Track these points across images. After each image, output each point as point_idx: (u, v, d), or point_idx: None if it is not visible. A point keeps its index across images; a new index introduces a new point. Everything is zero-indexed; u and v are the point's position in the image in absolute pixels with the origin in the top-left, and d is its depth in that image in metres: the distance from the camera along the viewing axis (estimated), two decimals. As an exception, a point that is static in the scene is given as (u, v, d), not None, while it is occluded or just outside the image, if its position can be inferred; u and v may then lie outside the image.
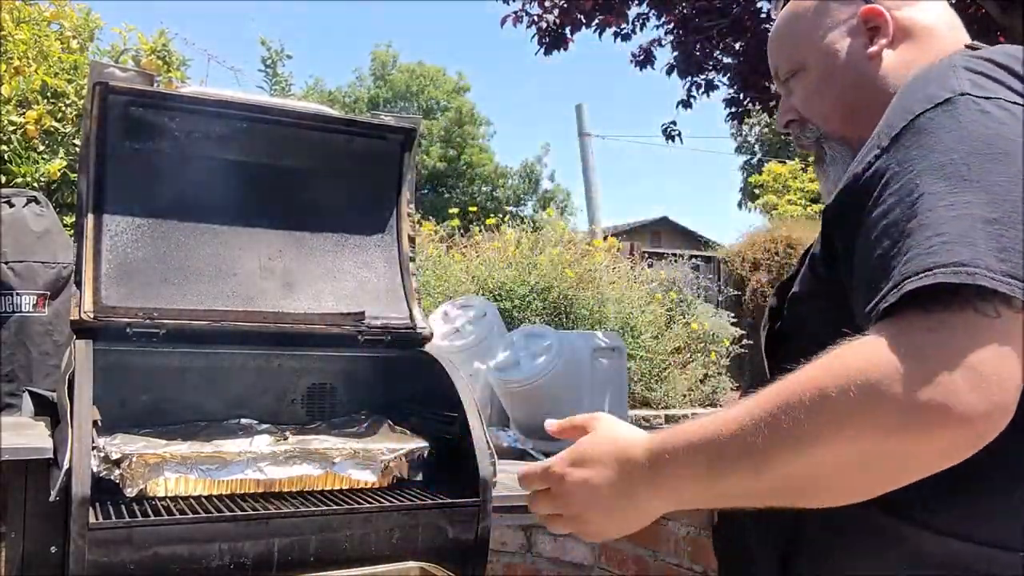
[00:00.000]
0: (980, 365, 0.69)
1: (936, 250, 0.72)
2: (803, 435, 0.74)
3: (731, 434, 0.79)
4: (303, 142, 2.30)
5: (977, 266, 0.71)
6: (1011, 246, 0.72)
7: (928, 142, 0.81)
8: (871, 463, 0.73)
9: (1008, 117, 0.81)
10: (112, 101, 2.03)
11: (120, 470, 1.75)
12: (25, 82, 4.32)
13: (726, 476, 0.80)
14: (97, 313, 1.91)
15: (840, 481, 0.76)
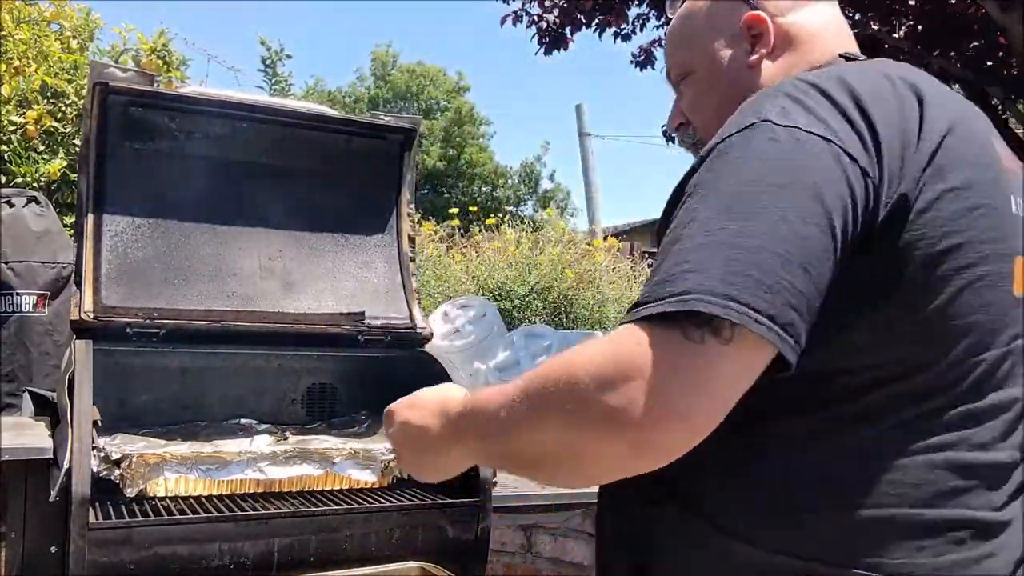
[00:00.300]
0: (662, 386, 0.73)
1: (674, 276, 0.76)
2: (521, 417, 0.81)
3: (497, 405, 0.84)
4: (303, 142, 2.30)
5: (695, 293, 0.74)
6: (745, 272, 0.74)
7: (719, 166, 0.82)
8: (563, 453, 0.79)
9: (793, 147, 0.80)
10: (112, 101, 2.03)
11: (120, 470, 1.74)
12: (25, 82, 4.32)
13: (486, 441, 0.88)
14: (97, 313, 1.91)
15: (548, 465, 0.81)
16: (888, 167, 0.81)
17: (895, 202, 0.81)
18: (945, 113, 0.87)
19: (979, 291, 0.84)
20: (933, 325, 0.83)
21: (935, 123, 0.85)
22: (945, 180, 0.83)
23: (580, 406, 0.75)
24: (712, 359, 0.73)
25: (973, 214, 0.84)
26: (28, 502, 1.64)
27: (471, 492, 1.87)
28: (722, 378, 0.74)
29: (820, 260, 0.76)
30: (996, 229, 0.86)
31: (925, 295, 0.82)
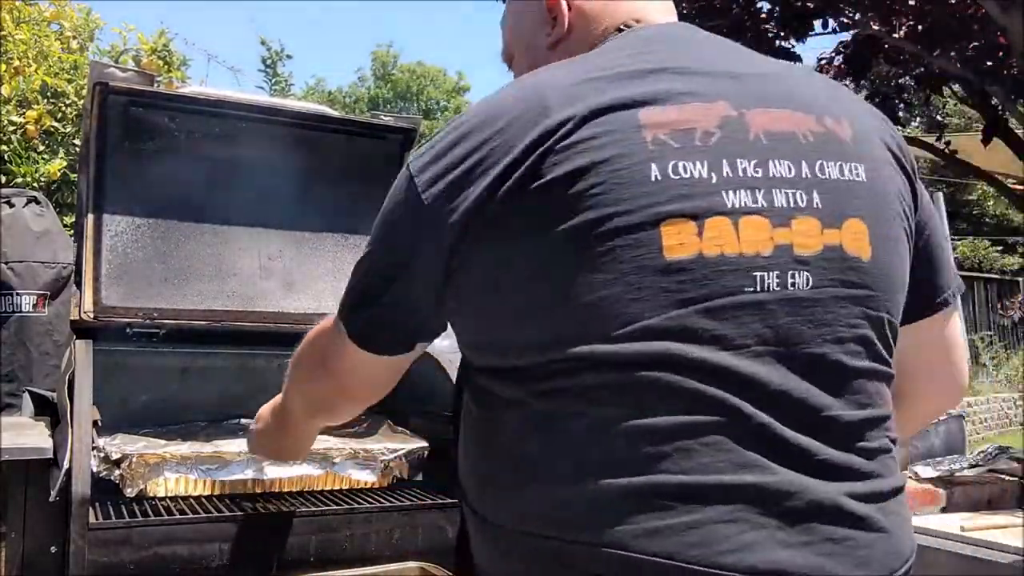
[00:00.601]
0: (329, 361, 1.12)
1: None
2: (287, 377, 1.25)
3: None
4: (303, 142, 2.30)
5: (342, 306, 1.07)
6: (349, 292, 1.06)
7: None
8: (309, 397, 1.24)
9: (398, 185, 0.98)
10: (112, 101, 2.03)
11: (120, 470, 1.74)
12: (25, 82, 4.32)
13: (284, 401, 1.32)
14: (97, 313, 1.91)
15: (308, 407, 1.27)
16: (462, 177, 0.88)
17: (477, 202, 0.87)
18: (575, 105, 0.87)
19: (623, 261, 0.84)
20: (565, 305, 0.85)
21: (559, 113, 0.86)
22: (572, 161, 0.84)
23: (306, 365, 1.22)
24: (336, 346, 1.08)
25: (599, 188, 0.84)
26: (28, 502, 1.64)
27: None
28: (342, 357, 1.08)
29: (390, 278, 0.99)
30: (621, 203, 0.84)
31: (575, 273, 0.84)
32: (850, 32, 5.58)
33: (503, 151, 0.86)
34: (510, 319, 0.88)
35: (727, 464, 0.82)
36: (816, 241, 0.89)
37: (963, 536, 2.16)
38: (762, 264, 0.86)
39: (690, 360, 0.83)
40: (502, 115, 0.89)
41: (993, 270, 14.55)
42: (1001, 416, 9.75)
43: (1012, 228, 16.92)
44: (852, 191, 0.92)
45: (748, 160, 0.89)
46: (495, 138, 0.87)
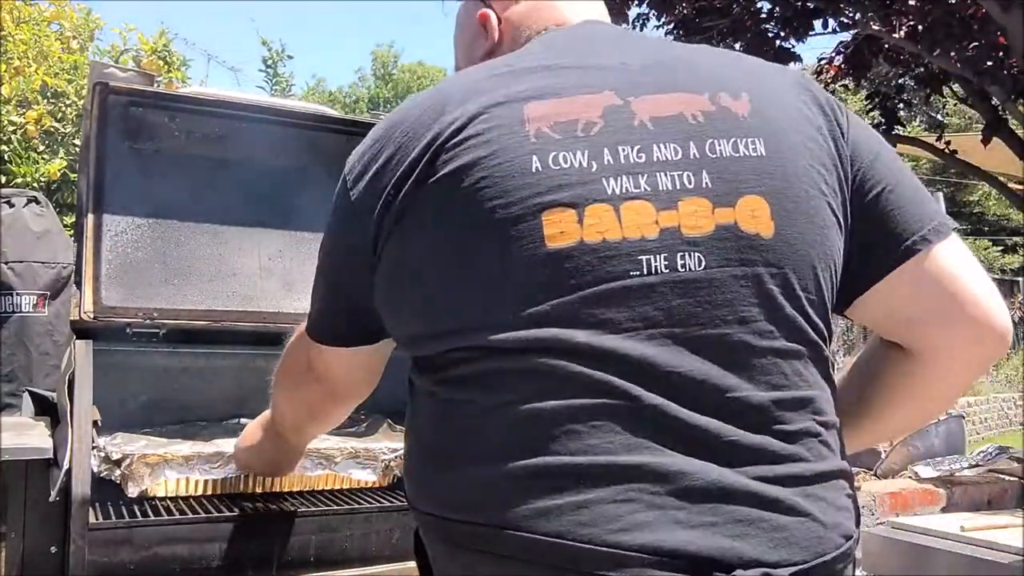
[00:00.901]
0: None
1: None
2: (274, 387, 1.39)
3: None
4: (303, 142, 2.30)
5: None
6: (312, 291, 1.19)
7: None
8: (297, 405, 1.39)
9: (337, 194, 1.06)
10: (112, 101, 2.03)
11: (121, 470, 1.74)
12: (25, 82, 4.33)
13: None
14: (97, 313, 1.91)
15: (297, 416, 1.44)
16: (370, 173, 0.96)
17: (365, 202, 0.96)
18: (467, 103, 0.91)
19: (509, 252, 0.86)
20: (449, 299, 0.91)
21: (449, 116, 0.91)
22: (460, 158, 0.89)
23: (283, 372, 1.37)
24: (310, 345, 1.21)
25: (485, 182, 0.87)
26: (28, 502, 1.64)
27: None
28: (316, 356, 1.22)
29: (335, 272, 1.13)
30: (503, 196, 0.87)
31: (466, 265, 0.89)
32: (850, 32, 5.58)
33: (406, 151, 0.92)
34: (413, 311, 0.95)
35: (617, 446, 0.82)
36: (707, 222, 0.88)
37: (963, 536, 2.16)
38: (648, 248, 0.86)
39: (576, 345, 0.84)
40: (408, 117, 0.95)
41: (993, 270, 14.55)
42: (1001, 416, 9.75)
43: (1012, 228, 16.92)
44: (748, 167, 0.90)
45: (631, 146, 0.89)
46: (400, 138, 0.93)
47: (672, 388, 0.84)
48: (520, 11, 1.12)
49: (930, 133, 7.67)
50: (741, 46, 5.51)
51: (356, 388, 1.24)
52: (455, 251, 0.89)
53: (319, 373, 1.21)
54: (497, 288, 0.87)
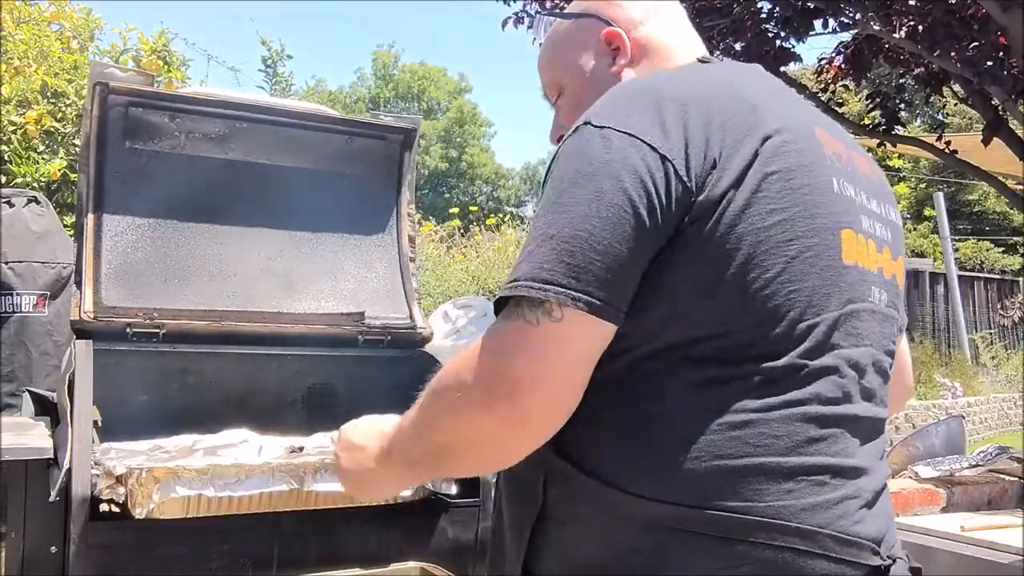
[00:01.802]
0: (511, 368, 0.89)
1: (514, 267, 0.94)
2: (422, 421, 0.99)
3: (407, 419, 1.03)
4: (303, 142, 2.30)
5: (522, 280, 0.90)
6: (560, 259, 0.89)
7: (554, 166, 0.98)
8: (458, 441, 0.95)
9: (601, 144, 0.93)
10: (112, 101, 2.04)
11: (127, 488, 1.58)
12: (25, 82, 4.32)
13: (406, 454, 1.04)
14: (97, 313, 1.91)
15: (455, 457, 0.98)
16: (707, 158, 0.92)
17: (716, 188, 0.92)
18: (773, 113, 0.99)
19: (808, 260, 0.96)
20: (768, 292, 0.93)
21: (764, 124, 0.97)
22: (768, 166, 0.94)
23: (461, 395, 0.92)
24: (547, 336, 0.89)
25: (797, 193, 0.96)
26: (28, 502, 1.64)
27: (471, 492, 1.87)
28: (559, 351, 0.89)
29: (627, 236, 0.90)
30: (820, 205, 0.98)
31: (759, 266, 0.93)
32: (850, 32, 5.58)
33: (734, 136, 0.95)
34: (720, 302, 0.93)
35: (852, 449, 0.98)
36: (889, 269, 1.09)
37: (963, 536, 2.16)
38: (875, 280, 1.05)
39: (848, 355, 0.98)
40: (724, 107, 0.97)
41: (994, 270, 14.55)
42: (1001, 416, 9.75)
43: (1012, 228, 16.92)
44: (898, 232, 1.14)
45: (864, 192, 1.07)
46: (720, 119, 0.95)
47: (868, 400, 1.02)
48: (658, 35, 1.19)
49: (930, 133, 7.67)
50: (741, 46, 5.51)
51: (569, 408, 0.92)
52: (770, 251, 0.94)
53: (531, 385, 0.88)
54: (803, 290, 0.95)
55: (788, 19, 5.19)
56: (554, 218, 0.92)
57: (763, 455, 0.92)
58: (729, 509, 0.90)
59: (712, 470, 0.91)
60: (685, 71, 1.09)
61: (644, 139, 0.92)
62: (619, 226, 0.89)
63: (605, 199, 0.90)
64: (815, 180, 0.98)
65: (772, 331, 0.94)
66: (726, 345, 0.93)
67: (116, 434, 1.86)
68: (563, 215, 0.91)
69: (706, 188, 0.92)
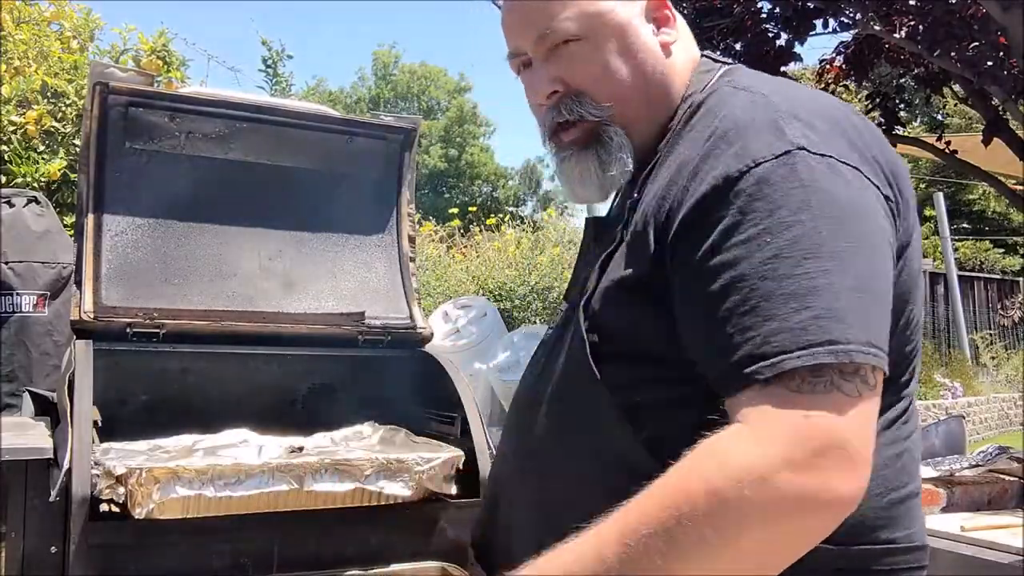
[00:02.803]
0: (848, 447, 0.74)
1: (807, 325, 0.74)
2: (707, 541, 0.72)
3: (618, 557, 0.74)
4: (303, 142, 2.30)
5: (850, 342, 0.75)
6: (873, 315, 0.78)
7: (773, 197, 0.80)
8: (774, 551, 0.74)
9: (842, 179, 0.82)
10: (112, 101, 2.04)
11: (127, 487, 1.58)
12: (25, 82, 4.32)
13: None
14: (97, 313, 1.91)
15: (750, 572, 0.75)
16: (900, 196, 0.90)
17: (906, 224, 0.91)
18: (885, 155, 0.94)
19: (918, 295, 0.95)
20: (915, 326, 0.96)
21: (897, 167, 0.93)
22: (909, 216, 0.93)
23: (787, 498, 0.72)
24: (872, 408, 0.77)
25: (913, 243, 0.94)
26: (28, 502, 1.64)
27: (471, 492, 1.87)
28: (874, 421, 0.78)
29: (887, 288, 0.83)
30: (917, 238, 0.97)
31: (912, 301, 0.93)
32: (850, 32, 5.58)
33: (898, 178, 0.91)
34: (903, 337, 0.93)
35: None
36: None
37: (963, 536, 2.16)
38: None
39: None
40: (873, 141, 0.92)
41: (994, 270, 14.54)
42: (1001, 416, 9.74)
43: (1012, 228, 16.91)
44: None
45: None
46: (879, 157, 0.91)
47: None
48: (675, 11, 1.06)
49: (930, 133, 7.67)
50: (742, 46, 5.51)
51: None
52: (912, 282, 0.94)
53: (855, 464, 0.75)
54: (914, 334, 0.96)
55: (788, 19, 5.19)
56: (840, 266, 0.77)
57: (912, 482, 0.95)
58: (893, 540, 0.91)
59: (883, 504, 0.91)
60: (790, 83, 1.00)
61: (871, 179, 0.86)
62: (885, 279, 0.83)
63: (875, 246, 0.82)
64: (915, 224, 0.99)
65: (912, 363, 0.97)
66: (898, 376, 0.92)
67: (116, 434, 1.86)
68: (847, 265, 0.78)
69: (900, 228, 0.90)
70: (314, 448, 1.91)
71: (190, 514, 1.62)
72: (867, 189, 0.83)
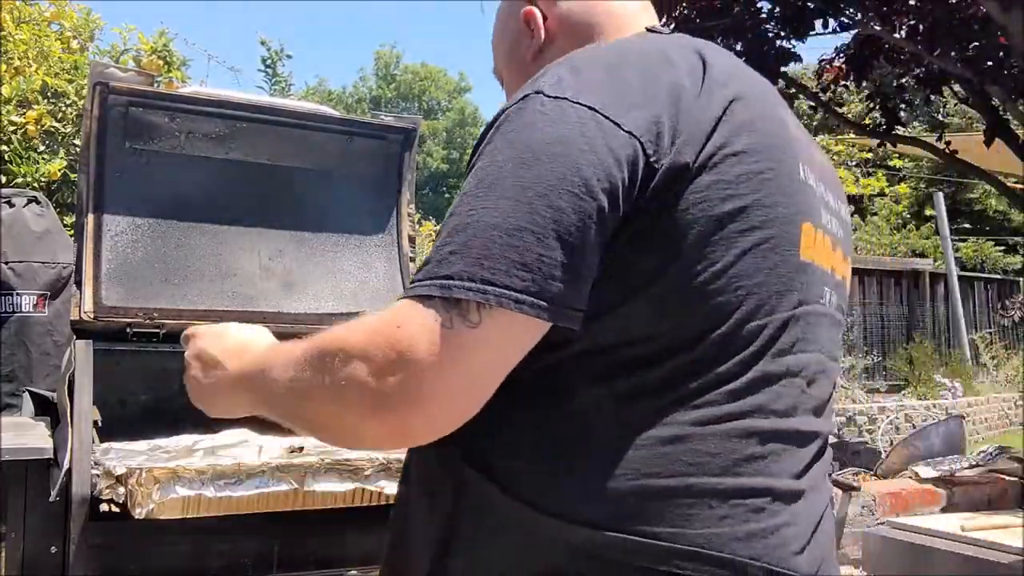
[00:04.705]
0: (423, 378, 0.76)
1: (442, 259, 0.79)
2: (297, 388, 0.85)
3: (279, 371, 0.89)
4: (303, 142, 2.30)
5: (460, 278, 0.76)
6: (513, 255, 0.76)
7: (494, 140, 0.83)
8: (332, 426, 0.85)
9: (558, 118, 0.80)
10: (112, 101, 2.03)
11: (127, 487, 1.56)
12: (25, 82, 4.32)
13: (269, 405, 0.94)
14: (97, 313, 1.91)
15: (320, 432, 0.89)
16: (665, 133, 0.80)
17: (674, 166, 0.80)
18: (732, 81, 0.87)
19: (763, 254, 0.84)
20: (717, 287, 0.82)
21: (720, 90, 0.85)
22: (730, 144, 0.83)
23: (347, 386, 0.79)
24: (467, 342, 0.76)
25: (758, 177, 0.84)
26: (28, 502, 1.64)
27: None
28: (478, 360, 0.77)
29: (580, 229, 0.77)
30: (783, 194, 0.86)
31: (707, 258, 0.81)
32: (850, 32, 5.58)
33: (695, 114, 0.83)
34: (663, 297, 0.82)
35: (791, 469, 0.86)
36: (840, 269, 0.98)
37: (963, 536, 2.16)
38: (826, 280, 0.93)
39: (795, 362, 0.87)
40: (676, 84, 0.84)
41: (995, 270, 14.55)
42: (1001, 416, 9.75)
43: (1013, 228, 16.92)
44: (848, 230, 1.03)
45: (822, 183, 0.95)
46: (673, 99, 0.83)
47: (816, 414, 0.91)
48: (576, 8, 1.05)
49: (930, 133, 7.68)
50: (742, 46, 5.52)
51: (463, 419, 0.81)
52: (721, 241, 0.82)
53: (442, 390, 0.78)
54: (741, 287, 0.83)
55: (788, 19, 5.20)
56: (495, 206, 0.78)
57: (695, 475, 0.80)
58: (654, 535, 0.78)
59: (637, 490, 0.80)
60: (635, 38, 0.97)
61: (610, 116, 0.80)
62: (570, 218, 0.77)
63: (557, 185, 0.77)
64: (780, 164, 0.87)
65: (715, 332, 0.82)
66: (659, 348, 0.81)
67: (116, 434, 1.87)
68: (505, 202, 0.78)
69: (665, 164, 0.80)
70: (314, 448, 1.91)
71: (190, 514, 1.61)
72: (595, 132, 0.79)
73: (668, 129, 0.81)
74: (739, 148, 0.83)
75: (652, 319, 0.81)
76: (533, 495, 0.81)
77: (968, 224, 17.15)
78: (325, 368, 0.81)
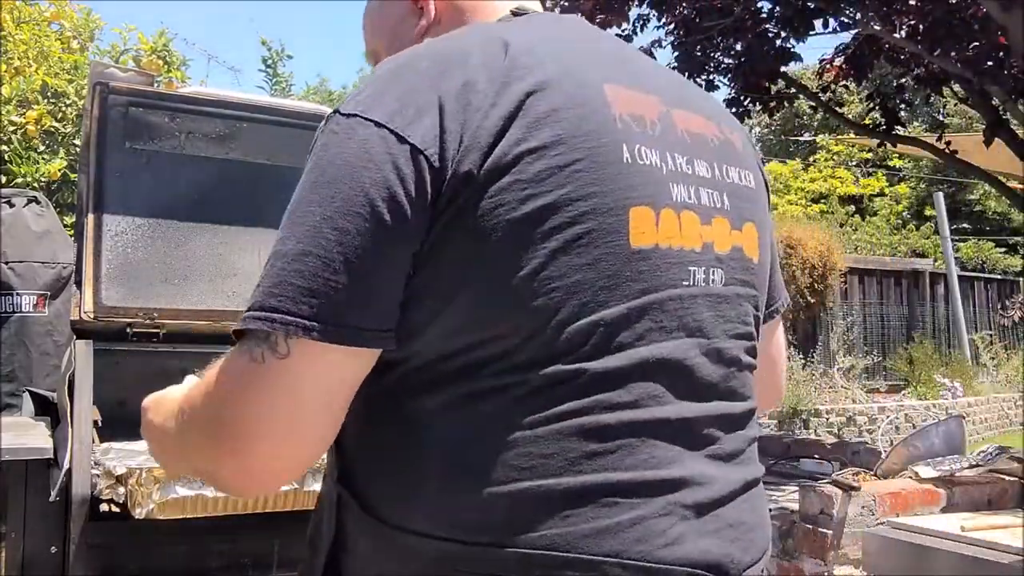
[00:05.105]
0: (239, 411, 0.77)
1: (256, 294, 0.78)
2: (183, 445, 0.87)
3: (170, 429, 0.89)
4: (303, 142, 2.29)
5: (251, 309, 0.76)
6: (289, 281, 0.75)
7: (307, 164, 0.82)
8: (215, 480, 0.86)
9: (345, 138, 0.79)
10: (112, 101, 2.04)
11: (127, 487, 1.59)
12: (25, 82, 4.32)
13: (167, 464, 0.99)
14: (97, 313, 1.91)
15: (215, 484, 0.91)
16: (451, 140, 0.78)
17: (459, 173, 0.77)
18: (537, 69, 0.82)
19: (579, 251, 0.80)
20: (529, 292, 0.79)
21: (517, 84, 0.81)
22: (526, 141, 0.79)
23: (194, 439, 0.83)
24: (278, 376, 0.75)
25: (565, 171, 0.80)
26: (28, 502, 1.64)
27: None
28: (297, 389, 0.76)
29: (367, 250, 0.76)
30: (601, 183, 0.81)
31: (514, 263, 0.78)
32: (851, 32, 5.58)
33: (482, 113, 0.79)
34: (466, 306, 0.80)
35: (660, 458, 0.82)
36: (727, 241, 0.92)
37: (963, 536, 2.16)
38: (694, 259, 0.88)
39: (649, 353, 0.83)
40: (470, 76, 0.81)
41: (995, 270, 14.55)
42: (1001, 416, 9.75)
43: (1013, 228, 16.92)
44: (746, 197, 0.96)
45: (681, 156, 0.89)
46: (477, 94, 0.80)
47: (697, 399, 0.86)
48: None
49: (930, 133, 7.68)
50: (742, 46, 5.52)
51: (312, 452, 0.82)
52: (532, 240, 0.79)
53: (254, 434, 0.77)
54: (579, 283, 0.80)
55: (788, 19, 5.20)
56: (288, 234, 0.78)
57: (531, 479, 0.78)
58: (499, 543, 0.77)
59: (479, 500, 0.78)
60: (463, 30, 0.93)
61: (396, 131, 0.77)
62: (355, 240, 0.75)
63: (342, 208, 0.76)
64: (595, 151, 0.82)
65: (536, 337, 0.79)
66: (484, 357, 0.79)
67: (116, 434, 1.87)
68: (295, 230, 0.77)
69: (451, 172, 0.77)
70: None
71: (190, 514, 1.62)
72: (379, 149, 0.77)
73: (454, 135, 0.78)
74: (537, 144, 0.79)
75: (469, 329, 0.79)
76: (385, 512, 0.82)
77: (968, 224, 17.16)
78: (184, 421, 0.85)
